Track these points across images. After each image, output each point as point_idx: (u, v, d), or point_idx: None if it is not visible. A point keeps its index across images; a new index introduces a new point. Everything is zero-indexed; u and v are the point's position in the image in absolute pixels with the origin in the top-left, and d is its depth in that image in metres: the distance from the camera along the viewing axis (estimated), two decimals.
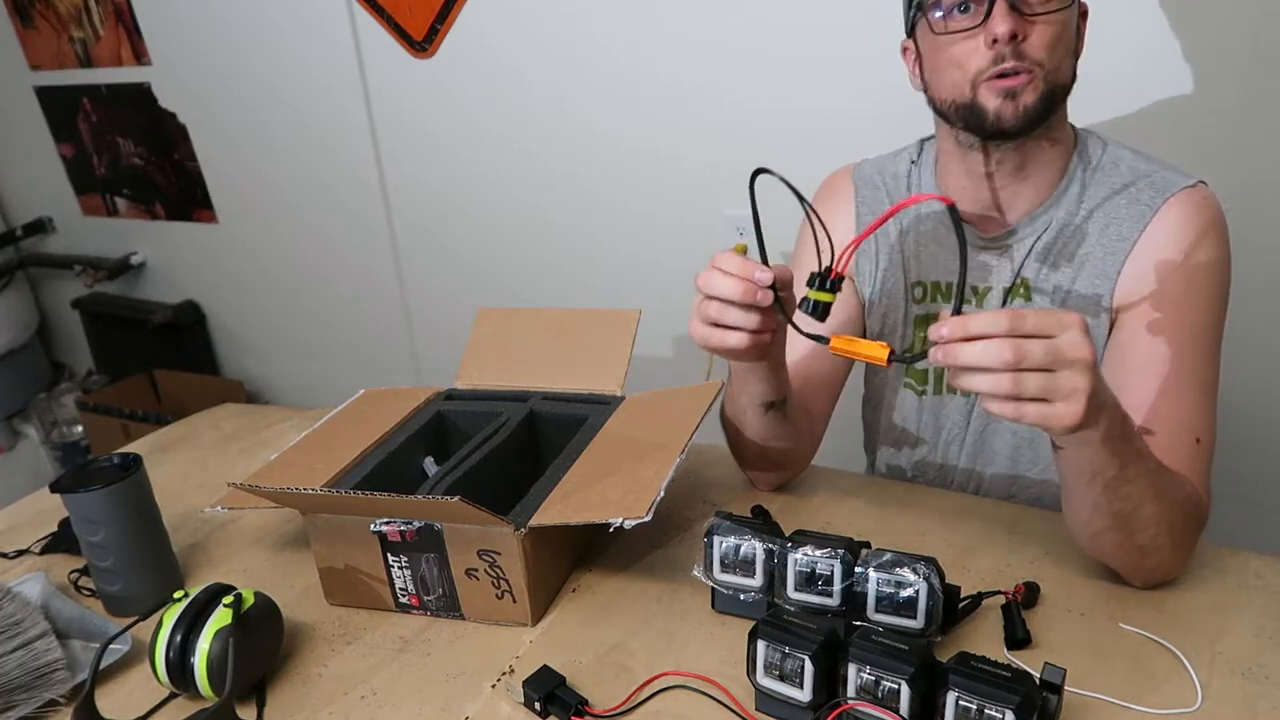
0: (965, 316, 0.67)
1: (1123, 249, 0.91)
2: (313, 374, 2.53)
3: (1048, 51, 0.85)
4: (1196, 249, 0.89)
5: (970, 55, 0.86)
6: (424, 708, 0.79)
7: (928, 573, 0.74)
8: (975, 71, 0.86)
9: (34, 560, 1.07)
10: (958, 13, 0.86)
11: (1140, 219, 0.90)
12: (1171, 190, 0.90)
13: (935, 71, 0.91)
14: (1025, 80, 0.85)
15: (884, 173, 1.06)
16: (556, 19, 1.74)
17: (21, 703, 0.80)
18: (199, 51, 2.20)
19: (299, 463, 0.99)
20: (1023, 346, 0.65)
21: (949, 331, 0.67)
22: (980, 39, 0.85)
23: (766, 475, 1.05)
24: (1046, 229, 0.94)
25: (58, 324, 2.99)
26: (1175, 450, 0.85)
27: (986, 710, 0.62)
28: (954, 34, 0.86)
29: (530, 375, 1.11)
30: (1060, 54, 0.86)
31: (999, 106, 0.86)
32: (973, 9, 0.85)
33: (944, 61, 0.89)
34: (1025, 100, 0.86)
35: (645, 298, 1.25)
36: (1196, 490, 0.85)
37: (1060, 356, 0.65)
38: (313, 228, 2.29)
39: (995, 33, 0.83)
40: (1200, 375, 0.88)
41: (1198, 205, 0.90)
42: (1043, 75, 0.86)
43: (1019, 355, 0.65)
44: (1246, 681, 0.73)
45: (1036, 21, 0.84)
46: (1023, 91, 0.85)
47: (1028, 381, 0.65)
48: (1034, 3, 0.84)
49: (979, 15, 0.85)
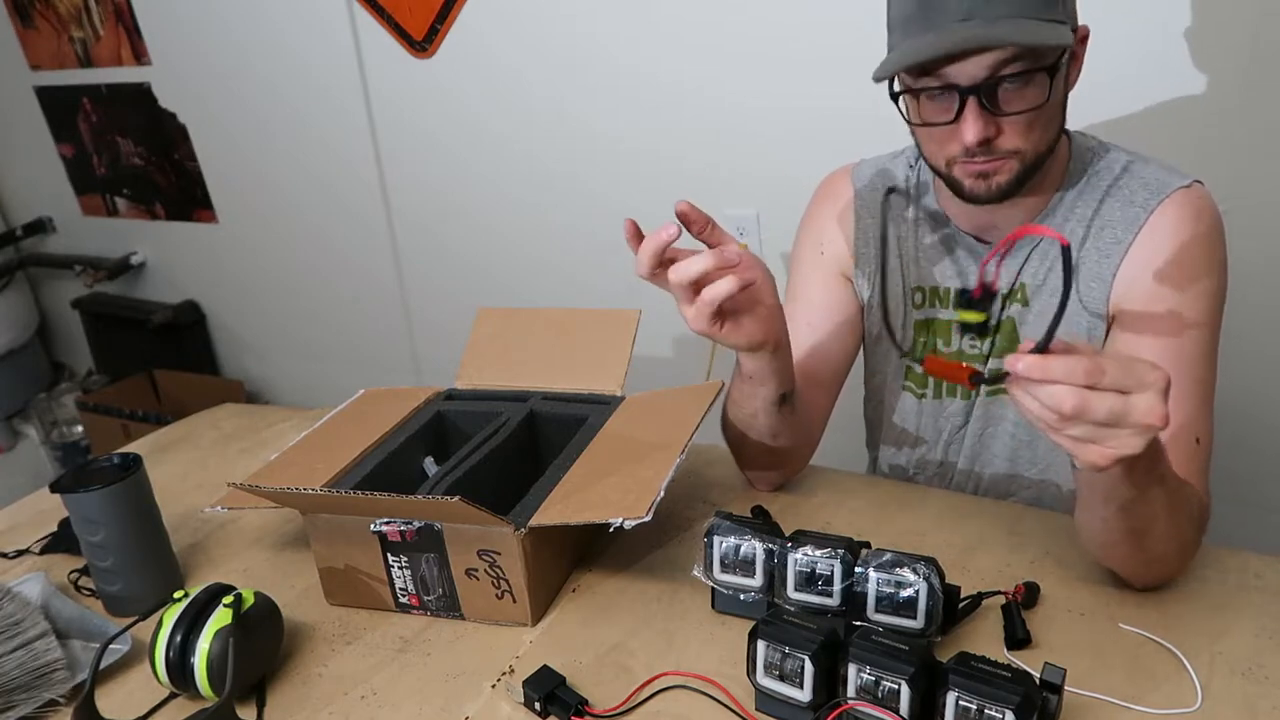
0: (1047, 359, 0.62)
1: (1118, 251, 0.90)
2: (313, 374, 2.53)
3: (1022, 140, 0.84)
4: (1192, 250, 0.88)
5: (945, 139, 0.86)
6: (424, 708, 0.79)
7: (928, 573, 0.74)
8: (949, 156, 0.87)
9: (34, 560, 1.07)
10: (931, 98, 0.84)
11: (1135, 221, 0.90)
12: (1166, 191, 0.89)
13: (916, 135, 0.91)
14: (999, 165, 0.85)
15: (883, 173, 1.05)
16: (556, 19, 1.74)
17: (21, 703, 0.80)
18: (199, 51, 2.20)
19: (299, 463, 0.99)
20: (1088, 401, 0.61)
21: (1024, 369, 0.62)
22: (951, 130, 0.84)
23: (767, 475, 1.05)
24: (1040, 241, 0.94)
25: (58, 324, 2.99)
26: (1176, 451, 0.85)
27: (986, 710, 0.62)
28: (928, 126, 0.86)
29: (530, 375, 1.11)
30: (1037, 136, 0.85)
31: (972, 185, 0.87)
32: (941, 98, 0.83)
33: (920, 134, 0.89)
34: (998, 181, 0.86)
35: (645, 298, 1.25)
36: (1203, 497, 0.85)
37: (1125, 417, 0.61)
38: (313, 228, 2.29)
39: (965, 140, 0.82)
40: (1199, 376, 0.88)
41: (1193, 205, 0.89)
42: (1019, 159, 0.85)
43: (1079, 409, 0.61)
44: (1246, 681, 0.73)
45: (1009, 119, 0.83)
46: (996, 174, 0.86)
47: (1073, 429, 0.63)
48: (1005, 104, 0.82)
49: (950, 108, 0.83)
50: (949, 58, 0.80)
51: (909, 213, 1.02)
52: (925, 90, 0.84)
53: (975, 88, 0.80)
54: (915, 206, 1.02)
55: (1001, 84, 0.81)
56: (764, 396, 0.92)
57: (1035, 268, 0.95)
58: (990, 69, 0.80)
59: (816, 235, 1.08)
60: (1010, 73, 0.80)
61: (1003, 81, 0.80)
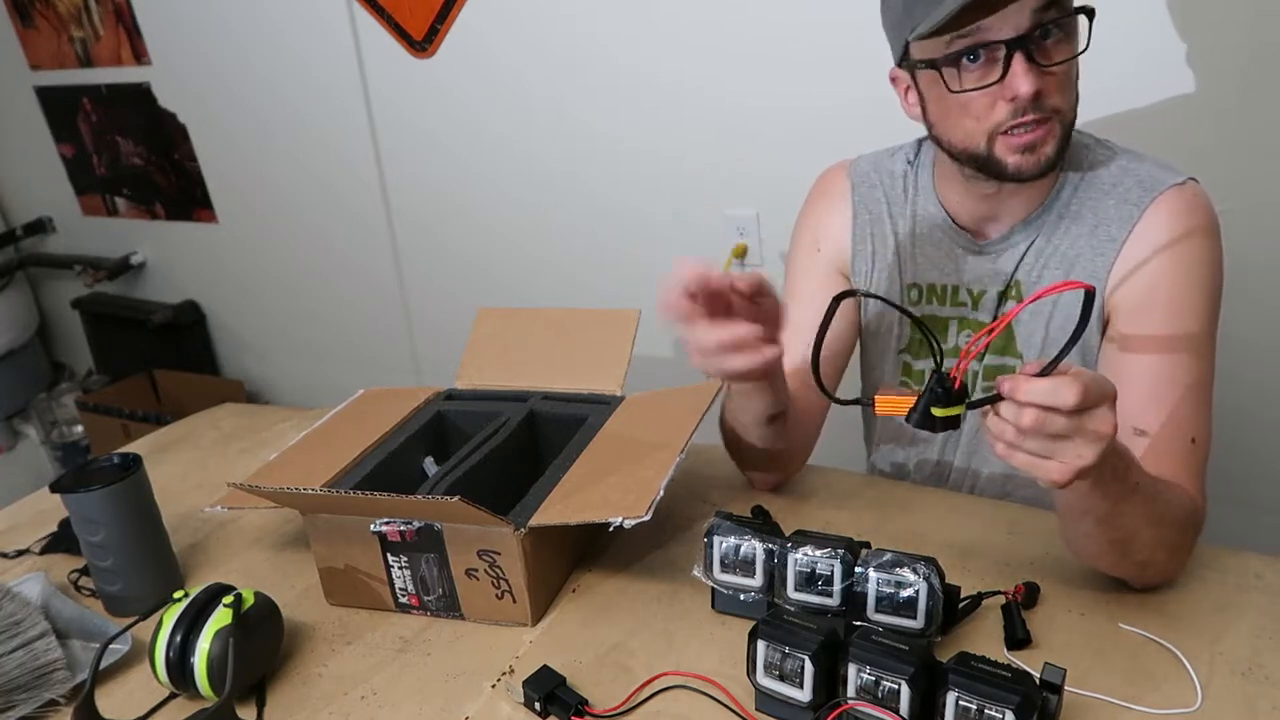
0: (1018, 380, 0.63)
1: (1112, 249, 0.90)
2: (313, 374, 2.53)
3: (1064, 96, 0.83)
4: (1186, 247, 0.88)
5: (986, 109, 0.83)
6: (424, 708, 0.79)
7: (928, 573, 0.74)
8: (993, 125, 0.84)
9: (34, 560, 1.07)
10: (968, 61, 0.82)
11: (1128, 219, 0.90)
12: (1159, 188, 0.89)
13: (944, 117, 0.88)
14: (1045, 132, 0.83)
15: (880, 170, 1.05)
16: (556, 19, 1.74)
17: (21, 703, 0.80)
18: (199, 51, 2.20)
19: (299, 463, 0.99)
20: (1046, 416, 0.62)
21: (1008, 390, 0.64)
22: (995, 92, 0.82)
23: (766, 476, 1.05)
24: (1039, 233, 0.94)
25: (58, 324, 2.99)
26: (1171, 452, 0.85)
27: (986, 710, 0.62)
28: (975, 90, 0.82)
29: (530, 375, 1.11)
30: (1073, 93, 0.85)
31: (1019, 161, 0.84)
32: (983, 57, 0.81)
33: (954, 109, 0.85)
34: (1045, 151, 0.84)
35: (645, 298, 1.25)
36: (1194, 498, 0.84)
37: (1078, 430, 0.63)
38: (313, 228, 2.29)
39: (1018, 93, 0.80)
40: (1195, 375, 0.87)
41: (1186, 202, 0.89)
42: (1060, 121, 0.84)
43: (1037, 424, 0.63)
44: (1246, 681, 0.73)
45: (1054, 71, 0.81)
46: (1043, 144, 0.84)
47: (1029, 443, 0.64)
48: (1052, 53, 0.81)
49: (992, 69, 0.81)
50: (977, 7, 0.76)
51: (906, 209, 1.02)
52: (964, 53, 0.81)
53: (1021, 38, 0.78)
54: (913, 202, 1.02)
55: (1045, 32, 0.79)
56: (755, 412, 0.92)
57: (1030, 264, 0.95)
58: (1033, 17, 0.78)
59: (813, 233, 1.08)
60: (1053, 18, 0.79)
61: (1046, 30, 0.79)
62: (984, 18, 0.78)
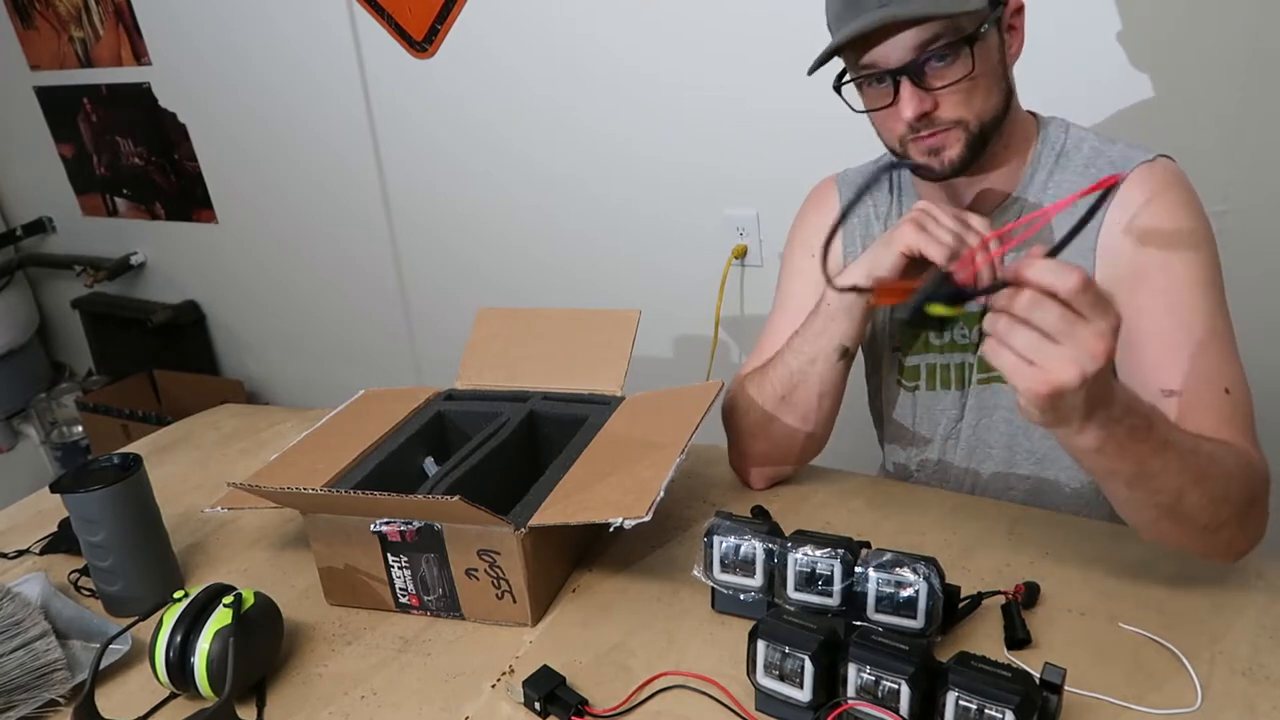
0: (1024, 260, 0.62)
1: (1093, 225, 0.90)
2: (313, 374, 2.53)
3: (963, 109, 0.88)
4: (1165, 205, 0.89)
5: (891, 123, 0.90)
6: (424, 708, 0.79)
7: (928, 573, 0.74)
8: (898, 136, 0.91)
9: (34, 560, 1.07)
10: (872, 84, 0.89)
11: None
12: (1129, 166, 0.91)
13: (875, 124, 0.95)
14: (946, 138, 0.88)
15: (865, 176, 1.08)
16: (556, 19, 1.74)
17: (21, 703, 0.80)
18: (199, 51, 2.20)
19: (299, 463, 0.99)
20: (1041, 303, 0.61)
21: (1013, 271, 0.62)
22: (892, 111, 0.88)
23: (764, 471, 1.05)
24: (1018, 217, 0.96)
25: (58, 324, 2.99)
26: (1206, 406, 0.82)
27: (986, 710, 0.62)
28: (872, 111, 0.91)
29: (530, 375, 1.11)
30: (978, 104, 0.88)
31: (926, 161, 0.91)
32: (880, 85, 0.88)
33: (876, 119, 0.93)
34: (949, 155, 0.90)
35: (645, 298, 1.25)
36: (1244, 450, 0.81)
37: (1068, 336, 0.61)
38: (313, 228, 2.29)
39: (904, 117, 0.87)
40: (1207, 326, 0.86)
41: (1156, 174, 0.90)
42: (964, 128, 0.88)
43: (1032, 306, 0.61)
44: (1246, 681, 0.73)
45: (944, 91, 0.86)
46: (946, 148, 0.89)
47: (1018, 336, 0.62)
48: (935, 79, 0.86)
49: (888, 92, 0.87)
50: (867, 42, 0.85)
51: (894, 208, 1.05)
52: (864, 78, 0.89)
53: (904, 67, 0.85)
54: (898, 201, 1.05)
55: (929, 61, 0.85)
56: (839, 337, 0.96)
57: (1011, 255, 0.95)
58: (914, 48, 0.84)
59: (806, 243, 1.11)
60: (935, 49, 0.84)
61: (930, 59, 0.85)
62: (875, 50, 0.86)
